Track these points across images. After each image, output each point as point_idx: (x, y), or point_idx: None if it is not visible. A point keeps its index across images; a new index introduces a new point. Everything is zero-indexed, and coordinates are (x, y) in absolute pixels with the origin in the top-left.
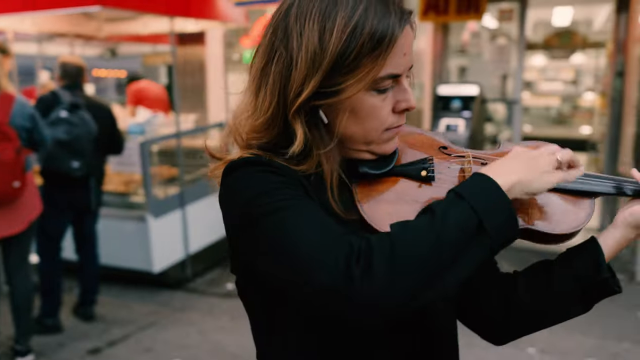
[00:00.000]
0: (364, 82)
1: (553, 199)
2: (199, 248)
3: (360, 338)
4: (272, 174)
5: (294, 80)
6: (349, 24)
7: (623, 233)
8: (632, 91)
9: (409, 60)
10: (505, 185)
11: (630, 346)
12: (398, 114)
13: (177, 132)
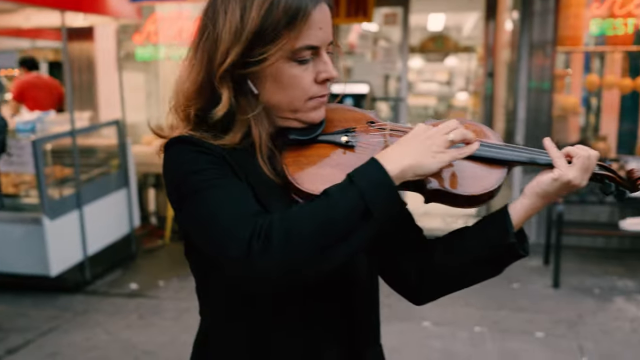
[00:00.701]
0: (282, 52)
1: (467, 165)
2: (98, 249)
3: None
4: (202, 154)
5: (219, 51)
6: (265, 2)
7: (531, 201)
8: (500, 91)
9: (326, 35)
10: (395, 171)
11: (509, 313)
12: (320, 84)
13: (72, 130)
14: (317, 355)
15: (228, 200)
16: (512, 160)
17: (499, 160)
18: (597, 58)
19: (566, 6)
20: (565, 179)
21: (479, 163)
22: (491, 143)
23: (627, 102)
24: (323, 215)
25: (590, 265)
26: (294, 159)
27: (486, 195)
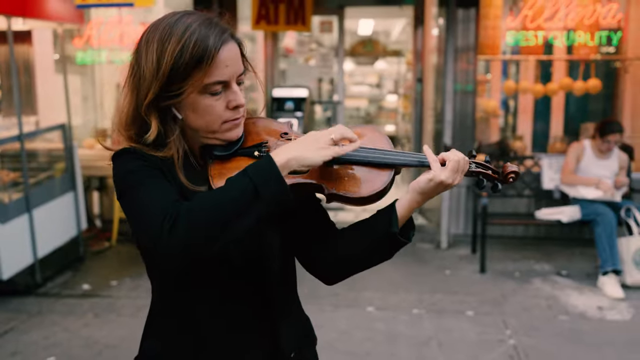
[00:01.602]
0: (194, 87)
1: (359, 170)
2: (48, 252)
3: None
4: (138, 160)
5: (143, 87)
6: (177, 47)
7: (412, 197)
8: (429, 94)
9: (233, 70)
10: (281, 162)
11: (443, 296)
12: (232, 110)
13: (20, 135)
14: (239, 328)
15: (151, 194)
16: (394, 163)
17: (384, 164)
18: (514, 65)
19: (485, 18)
20: (438, 179)
21: (368, 167)
22: (375, 148)
23: (540, 105)
24: (220, 198)
25: (512, 252)
26: (218, 171)
27: (375, 196)
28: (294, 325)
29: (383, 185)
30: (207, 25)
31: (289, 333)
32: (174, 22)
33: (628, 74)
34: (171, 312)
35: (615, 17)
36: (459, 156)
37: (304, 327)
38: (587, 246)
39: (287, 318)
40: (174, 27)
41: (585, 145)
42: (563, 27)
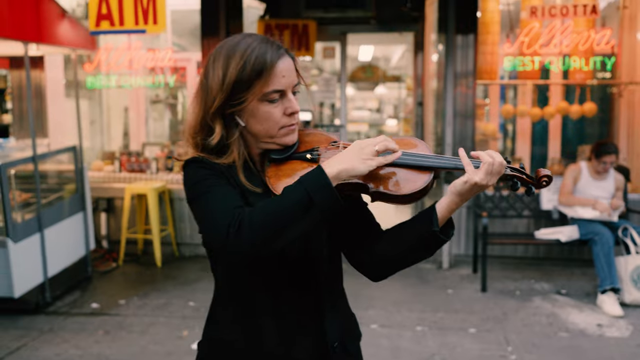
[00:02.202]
0: (255, 96)
1: (401, 172)
2: (57, 271)
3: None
4: (204, 169)
5: (209, 98)
6: (240, 62)
7: (450, 199)
8: (429, 118)
9: (289, 80)
10: (332, 173)
11: (445, 314)
12: (288, 116)
13: (34, 156)
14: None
15: (218, 200)
16: (433, 166)
17: (424, 167)
18: (511, 90)
19: (483, 44)
20: (473, 181)
21: (410, 170)
22: (416, 153)
23: (538, 128)
24: (278, 206)
25: (512, 271)
26: (274, 172)
27: (416, 195)
28: (338, 317)
29: (423, 185)
30: (265, 43)
31: (332, 324)
32: (237, 42)
33: (622, 97)
34: (230, 301)
35: (609, 43)
36: (494, 158)
37: (348, 321)
38: (586, 266)
39: (333, 310)
40: (237, 46)
41: (582, 166)
42: (559, 52)
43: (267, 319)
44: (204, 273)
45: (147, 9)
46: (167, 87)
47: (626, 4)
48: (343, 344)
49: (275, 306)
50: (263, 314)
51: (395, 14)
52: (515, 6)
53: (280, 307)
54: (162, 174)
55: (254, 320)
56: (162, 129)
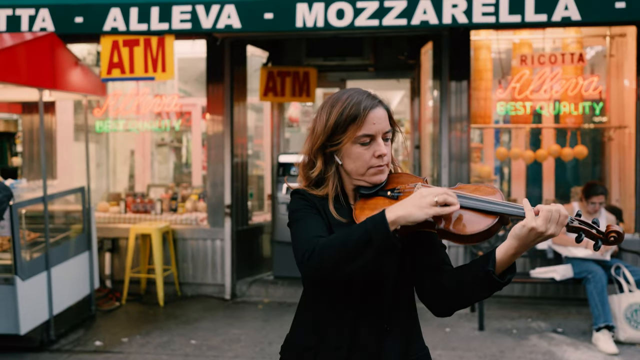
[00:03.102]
0: (350, 138)
1: (468, 214)
2: (62, 309)
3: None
4: (303, 200)
5: (315, 138)
6: (340, 109)
7: (510, 243)
8: (426, 161)
9: (379, 127)
10: (392, 217)
11: (443, 351)
12: (377, 158)
13: (44, 196)
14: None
15: (304, 229)
16: (496, 211)
17: (487, 211)
18: (505, 133)
19: (477, 90)
20: (530, 226)
21: (476, 213)
22: (480, 197)
23: (532, 171)
24: (344, 242)
25: (509, 311)
26: (360, 206)
27: (478, 236)
28: (397, 342)
29: (486, 227)
30: (362, 95)
31: (390, 350)
32: (342, 93)
33: (613, 141)
34: (306, 310)
35: (597, 89)
36: (553, 208)
37: (410, 349)
38: (582, 305)
39: (393, 335)
40: (340, 96)
41: (575, 207)
42: (549, 98)
43: (332, 332)
44: (205, 312)
45: (156, 58)
46: (172, 130)
47: (612, 52)
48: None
49: (337, 322)
50: (328, 327)
51: (393, 62)
52: (507, 54)
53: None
54: (167, 215)
55: (324, 331)
56: (167, 172)
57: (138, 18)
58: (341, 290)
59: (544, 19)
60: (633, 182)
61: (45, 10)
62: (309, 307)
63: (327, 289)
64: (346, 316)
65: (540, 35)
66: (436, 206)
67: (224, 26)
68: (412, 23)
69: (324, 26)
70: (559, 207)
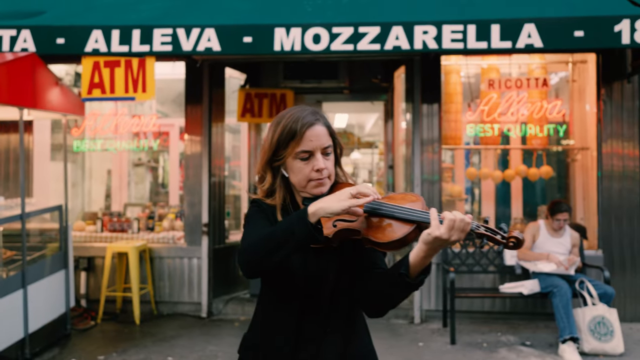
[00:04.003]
0: (290, 154)
1: (388, 223)
2: (38, 327)
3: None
4: (257, 207)
5: (264, 154)
6: (282, 128)
7: (419, 247)
8: (400, 181)
9: (317, 144)
10: (311, 211)
11: None
12: (316, 172)
13: (22, 214)
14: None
15: (249, 231)
16: (407, 219)
17: (404, 219)
18: (475, 154)
19: (447, 112)
20: (435, 234)
21: (397, 221)
22: (394, 205)
23: (501, 190)
24: (270, 235)
25: (480, 325)
26: None
27: (396, 243)
28: (337, 339)
29: (402, 235)
30: (303, 112)
31: (330, 344)
32: (286, 112)
33: (576, 161)
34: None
35: (560, 112)
36: (456, 217)
37: (350, 346)
38: (550, 319)
39: (332, 332)
40: (284, 114)
41: (541, 224)
42: (516, 120)
43: (282, 330)
44: (182, 330)
45: (137, 79)
46: (150, 150)
47: (575, 77)
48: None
49: (281, 322)
50: (274, 326)
51: (367, 85)
52: (476, 78)
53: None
54: (144, 234)
55: (273, 328)
56: (144, 191)
57: (119, 40)
58: (285, 291)
59: (508, 46)
60: (595, 201)
61: (26, 31)
62: (259, 308)
63: (272, 289)
64: (289, 317)
65: (507, 61)
66: (351, 198)
67: (204, 49)
68: (385, 48)
69: (301, 50)
70: (462, 216)
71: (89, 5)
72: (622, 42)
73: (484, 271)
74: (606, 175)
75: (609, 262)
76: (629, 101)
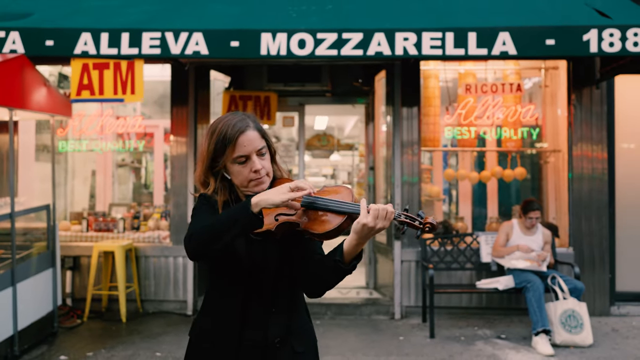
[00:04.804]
0: (228, 159)
1: (324, 215)
2: (27, 325)
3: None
4: (204, 200)
5: (202, 161)
6: (216, 137)
7: (352, 236)
8: (380, 182)
9: (250, 148)
10: (254, 201)
11: (396, 357)
12: (254, 172)
13: (12, 213)
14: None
15: (196, 220)
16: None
17: (337, 211)
18: (453, 156)
19: (426, 115)
20: (362, 222)
21: (331, 214)
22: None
23: (477, 190)
24: (215, 222)
25: (458, 320)
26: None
27: (331, 233)
28: (281, 319)
29: (335, 226)
30: (234, 119)
31: (275, 323)
32: (219, 121)
33: (549, 163)
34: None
35: (533, 116)
36: (381, 207)
37: (298, 326)
38: (524, 314)
39: (277, 312)
40: (217, 124)
41: (514, 223)
42: (491, 123)
43: (229, 310)
44: (169, 327)
45: (125, 81)
46: (136, 151)
47: (547, 83)
48: (289, 343)
49: (234, 304)
50: (227, 308)
51: (349, 88)
52: (453, 83)
53: (239, 305)
54: (129, 233)
55: (221, 311)
56: (127, 191)
57: (108, 43)
58: (231, 278)
59: (484, 53)
60: (566, 201)
61: (15, 33)
62: (208, 294)
63: (220, 277)
64: (235, 302)
65: (483, 67)
66: (290, 192)
67: (192, 52)
68: (368, 54)
69: (286, 55)
70: (386, 206)
71: (77, 8)
72: (590, 51)
73: (461, 268)
74: (576, 177)
75: (580, 259)
76: (598, 106)
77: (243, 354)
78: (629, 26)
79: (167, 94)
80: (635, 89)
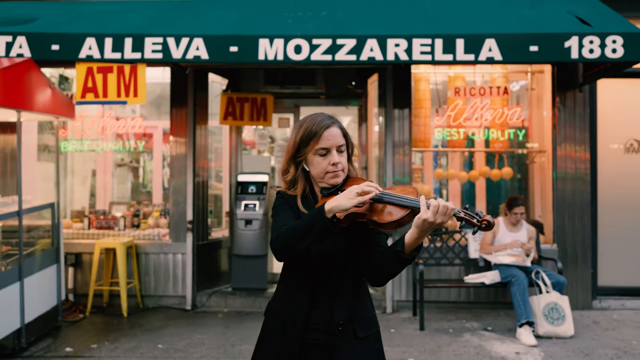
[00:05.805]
0: (310, 151)
1: (389, 208)
2: (33, 318)
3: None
4: (281, 198)
5: (288, 151)
6: (304, 130)
7: (413, 229)
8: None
9: (332, 142)
10: (328, 207)
11: (388, 348)
12: (332, 165)
13: (19, 211)
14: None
15: (277, 220)
16: (403, 204)
17: (400, 204)
18: (443, 156)
19: (417, 117)
20: (422, 217)
21: (395, 207)
22: (394, 194)
23: (467, 189)
24: (295, 228)
25: (447, 314)
26: (323, 201)
27: (393, 224)
28: (344, 306)
29: (397, 218)
30: (322, 117)
31: (339, 309)
32: (308, 117)
33: (534, 163)
34: (281, 281)
35: (520, 118)
36: (441, 203)
37: (361, 313)
38: (509, 308)
39: (343, 301)
40: (306, 119)
41: (500, 221)
42: (480, 125)
43: (299, 297)
44: (169, 321)
45: (128, 84)
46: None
47: (533, 86)
48: (352, 328)
49: (304, 291)
50: (297, 293)
51: (342, 91)
52: (443, 86)
53: (308, 291)
54: (129, 231)
55: (292, 296)
56: (125, 190)
57: (112, 47)
58: (304, 266)
59: (472, 58)
60: (551, 199)
61: (22, 37)
62: (282, 280)
63: (294, 266)
64: (307, 286)
65: (471, 71)
66: (358, 196)
67: (192, 57)
68: (361, 59)
69: (283, 59)
70: (447, 203)
71: (79, 14)
72: (571, 57)
73: (450, 264)
74: (560, 177)
75: (563, 255)
76: (581, 108)
77: (309, 335)
78: (607, 34)
79: (166, 95)
80: (617, 92)
